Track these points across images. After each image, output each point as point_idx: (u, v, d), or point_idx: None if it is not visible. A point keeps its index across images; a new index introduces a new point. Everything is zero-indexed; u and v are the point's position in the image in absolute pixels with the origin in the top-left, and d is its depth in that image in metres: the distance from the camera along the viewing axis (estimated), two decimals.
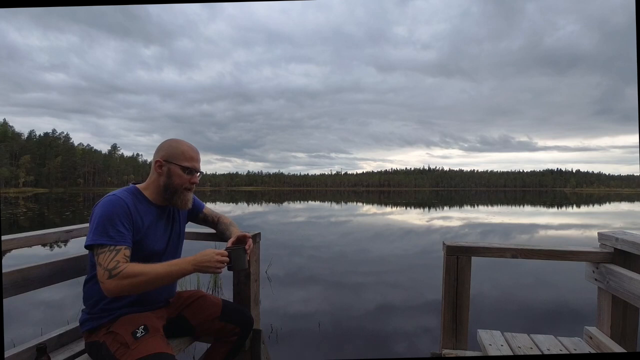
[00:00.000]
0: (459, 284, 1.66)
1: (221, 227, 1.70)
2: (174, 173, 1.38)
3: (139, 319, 1.32)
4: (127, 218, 1.28)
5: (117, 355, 1.21)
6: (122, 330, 1.26)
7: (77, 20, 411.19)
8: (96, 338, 1.30)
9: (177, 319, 1.52)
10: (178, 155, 1.39)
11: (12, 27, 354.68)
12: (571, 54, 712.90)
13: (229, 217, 1.77)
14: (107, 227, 1.22)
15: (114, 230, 1.23)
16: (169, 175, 1.38)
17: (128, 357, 1.19)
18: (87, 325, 1.33)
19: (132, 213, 1.29)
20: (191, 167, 1.41)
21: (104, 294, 1.26)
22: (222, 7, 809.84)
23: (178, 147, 1.40)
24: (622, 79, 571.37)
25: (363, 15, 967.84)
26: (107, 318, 1.31)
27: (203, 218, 1.72)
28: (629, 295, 1.42)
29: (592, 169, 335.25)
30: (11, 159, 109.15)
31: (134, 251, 1.29)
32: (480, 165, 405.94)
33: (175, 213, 1.52)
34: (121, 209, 1.27)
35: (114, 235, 1.22)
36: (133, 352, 1.19)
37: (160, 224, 1.42)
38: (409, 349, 2.87)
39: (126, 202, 1.30)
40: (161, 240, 1.42)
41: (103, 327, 1.31)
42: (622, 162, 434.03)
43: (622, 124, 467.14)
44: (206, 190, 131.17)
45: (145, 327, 1.28)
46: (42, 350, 1.17)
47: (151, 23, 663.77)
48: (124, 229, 1.25)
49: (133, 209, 1.31)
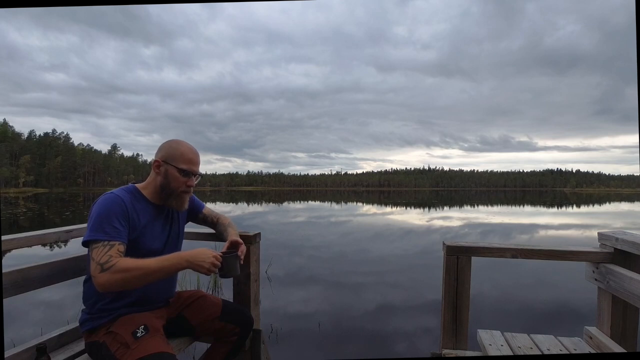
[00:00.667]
0: (459, 284, 1.66)
1: (220, 227, 1.70)
2: (170, 175, 1.38)
3: (139, 318, 1.31)
4: (124, 215, 1.28)
5: (118, 355, 1.21)
6: (122, 330, 1.26)
7: (77, 20, 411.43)
8: (96, 338, 1.30)
9: (177, 319, 1.52)
10: (177, 157, 1.39)
11: (12, 27, 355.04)
12: (571, 54, 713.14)
13: (228, 217, 1.77)
14: (104, 223, 1.23)
15: (109, 226, 1.23)
16: (166, 176, 1.38)
17: (128, 357, 1.19)
18: (86, 325, 1.33)
19: (128, 211, 1.30)
20: (188, 170, 1.40)
21: (103, 294, 1.27)
22: (222, 7, 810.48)
23: (177, 149, 1.40)
24: (622, 79, 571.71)
25: (363, 15, 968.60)
26: (106, 318, 1.31)
27: (203, 218, 1.72)
28: (629, 295, 1.42)
29: (592, 169, 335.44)
30: (11, 159, 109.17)
31: (131, 250, 1.28)
32: (480, 165, 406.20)
33: (174, 212, 1.51)
34: (118, 206, 1.27)
35: (109, 231, 1.22)
36: (133, 351, 1.19)
37: (157, 223, 1.42)
38: (409, 349, 2.87)
39: (123, 199, 1.30)
40: (159, 239, 1.42)
41: (103, 327, 1.31)
42: (622, 162, 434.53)
43: (622, 124, 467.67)
44: (206, 190, 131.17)
45: (145, 327, 1.27)
46: (42, 350, 1.17)
47: (151, 23, 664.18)
48: (120, 225, 1.25)
49: (130, 206, 1.31)
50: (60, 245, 6.62)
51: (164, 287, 1.48)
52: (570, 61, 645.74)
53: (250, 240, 1.81)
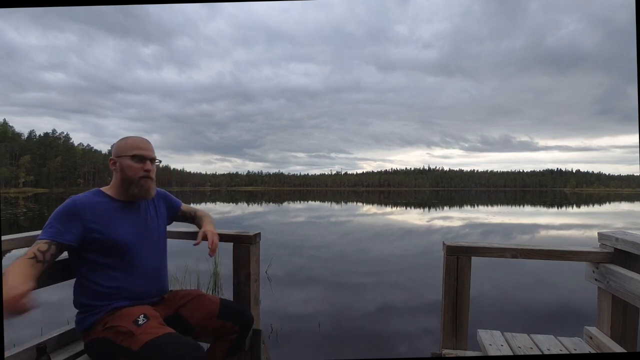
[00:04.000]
0: (459, 284, 1.66)
1: (197, 220, 1.78)
2: (125, 165, 1.43)
3: (137, 310, 1.33)
4: (69, 216, 1.32)
5: (124, 344, 1.21)
6: (121, 322, 1.27)
7: (76, 20, 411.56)
8: (95, 335, 1.30)
9: (174, 317, 1.51)
10: (126, 148, 1.44)
11: (10, 26, 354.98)
12: (573, 53, 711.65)
13: (205, 211, 1.83)
14: (52, 222, 1.31)
15: (49, 226, 1.30)
16: (122, 169, 1.43)
17: (135, 343, 1.19)
18: (82, 325, 1.35)
19: (80, 211, 1.34)
20: (140, 155, 1.44)
21: (92, 293, 1.33)
22: (222, 5, 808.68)
23: (125, 142, 1.46)
24: (624, 79, 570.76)
25: (364, 14, 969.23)
26: (99, 314, 1.32)
27: (182, 215, 1.77)
28: (629, 295, 1.42)
29: (593, 169, 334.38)
30: (11, 159, 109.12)
31: (99, 242, 1.34)
32: (481, 165, 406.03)
33: (148, 209, 1.54)
34: (66, 207, 1.33)
35: (47, 230, 1.30)
36: (139, 337, 1.20)
37: (123, 217, 1.44)
38: (409, 350, 2.87)
39: (75, 201, 1.36)
40: (125, 231, 1.42)
41: (99, 323, 1.31)
42: (623, 162, 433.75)
43: (623, 123, 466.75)
44: (206, 190, 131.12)
45: (145, 315, 1.29)
46: (42, 350, 1.17)
47: (150, 22, 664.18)
48: (60, 225, 1.30)
49: (85, 207, 1.35)
50: None
51: (152, 281, 1.48)
52: (572, 60, 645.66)
53: (250, 240, 1.81)
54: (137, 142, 1.46)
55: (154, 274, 1.48)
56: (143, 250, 1.45)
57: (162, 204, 1.64)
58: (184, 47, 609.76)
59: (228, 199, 40.38)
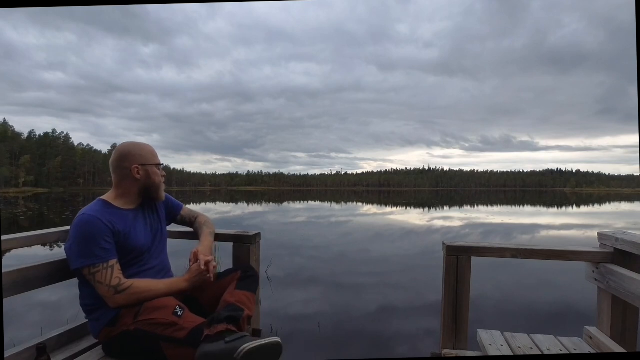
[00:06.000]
0: (459, 284, 1.66)
1: (196, 226, 1.77)
2: (152, 173, 1.49)
3: (168, 301, 1.33)
4: (107, 233, 1.32)
5: (167, 334, 1.23)
6: (158, 314, 1.27)
7: (74, 19, 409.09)
8: (123, 329, 1.29)
9: (185, 300, 1.48)
10: (148, 157, 1.49)
11: (8, 25, 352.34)
12: (575, 52, 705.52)
13: (206, 216, 1.81)
14: (91, 247, 1.29)
15: (98, 248, 1.29)
16: (148, 176, 1.48)
17: (180, 332, 1.22)
18: (102, 321, 1.33)
19: (107, 226, 1.34)
20: (160, 163, 1.55)
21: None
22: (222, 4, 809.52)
23: (145, 149, 1.50)
24: (626, 78, 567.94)
25: (364, 13, 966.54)
26: (118, 310, 1.32)
27: (181, 219, 1.77)
28: (629, 295, 1.42)
29: (594, 169, 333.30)
30: (11, 159, 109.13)
31: (121, 251, 1.37)
32: (481, 165, 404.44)
33: (152, 212, 1.57)
34: (97, 227, 1.32)
35: (99, 253, 1.29)
36: (184, 325, 1.23)
37: (137, 225, 1.46)
38: (409, 350, 2.87)
39: (100, 218, 1.34)
40: (144, 237, 1.46)
41: (124, 317, 1.30)
42: (624, 162, 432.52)
43: (624, 123, 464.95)
44: (206, 190, 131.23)
45: (180, 307, 1.31)
46: (42, 350, 1.17)
47: (150, 21, 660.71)
48: (107, 244, 1.32)
49: (108, 222, 1.35)
50: (60, 245, 6.61)
51: (163, 276, 1.51)
52: (574, 60, 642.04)
53: (250, 240, 1.81)
54: (153, 150, 1.54)
55: (161, 275, 1.51)
56: (151, 254, 1.49)
57: (163, 206, 1.65)
58: (184, 47, 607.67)
59: (228, 199, 40.40)
